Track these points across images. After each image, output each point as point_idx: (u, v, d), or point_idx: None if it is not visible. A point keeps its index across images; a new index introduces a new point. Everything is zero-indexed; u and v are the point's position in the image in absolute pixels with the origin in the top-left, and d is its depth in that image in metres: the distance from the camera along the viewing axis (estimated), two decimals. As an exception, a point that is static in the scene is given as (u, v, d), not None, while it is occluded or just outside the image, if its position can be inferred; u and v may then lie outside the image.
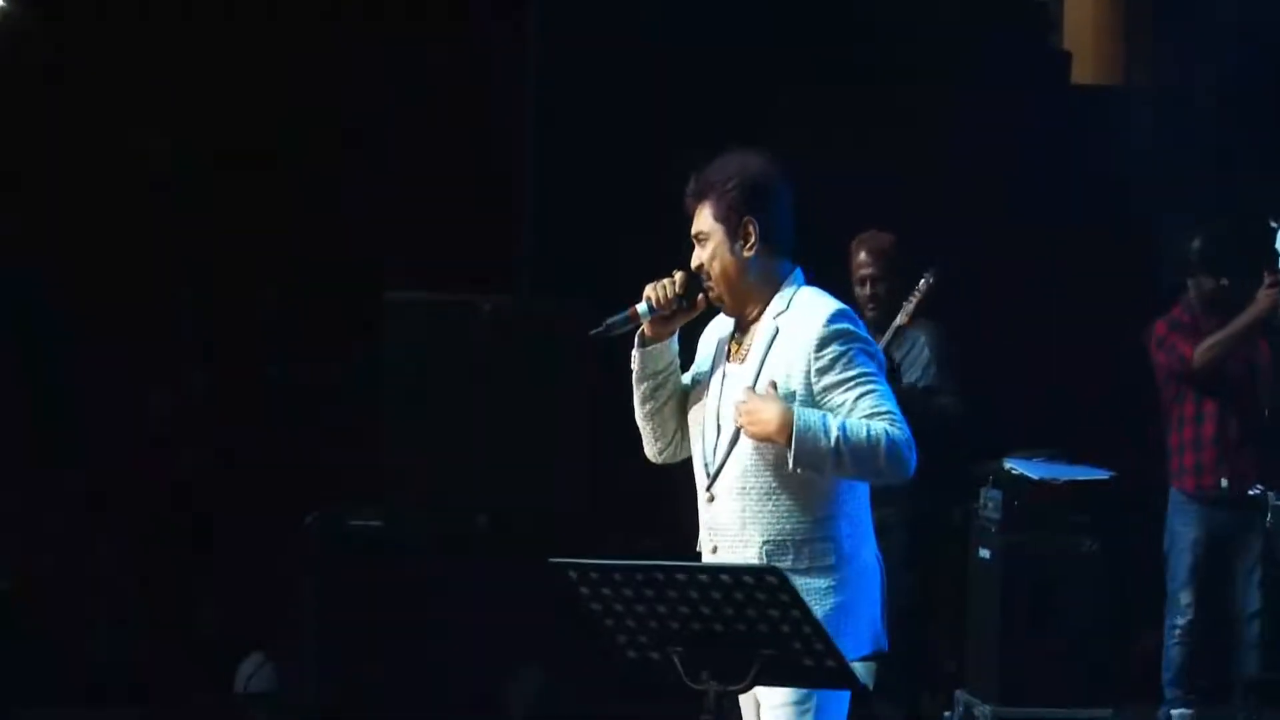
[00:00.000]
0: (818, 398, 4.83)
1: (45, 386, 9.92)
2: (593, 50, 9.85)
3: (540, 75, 10.00)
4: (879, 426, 4.77)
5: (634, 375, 5.03)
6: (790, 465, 4.76)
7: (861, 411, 4.80)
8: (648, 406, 5.04)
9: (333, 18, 9.95)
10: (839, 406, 4.81)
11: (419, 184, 9.88)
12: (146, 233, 9.88)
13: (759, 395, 4.82)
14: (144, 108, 9.86)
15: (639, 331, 4.99)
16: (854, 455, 4.74)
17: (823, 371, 4.84)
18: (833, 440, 4.73)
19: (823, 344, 4.84)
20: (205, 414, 10.08)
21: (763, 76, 9.82)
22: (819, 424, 4.75)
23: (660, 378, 5.02)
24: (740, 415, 4.82)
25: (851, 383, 4.82)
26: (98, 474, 9.88)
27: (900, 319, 7.94)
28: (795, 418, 4.74)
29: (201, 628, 9.63)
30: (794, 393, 4.83)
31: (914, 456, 4.81)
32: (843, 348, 4.84)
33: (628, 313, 4.93)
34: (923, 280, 7.96)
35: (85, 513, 9.90)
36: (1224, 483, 8.25)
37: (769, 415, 4.77)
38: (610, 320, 4.94)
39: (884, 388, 4.85)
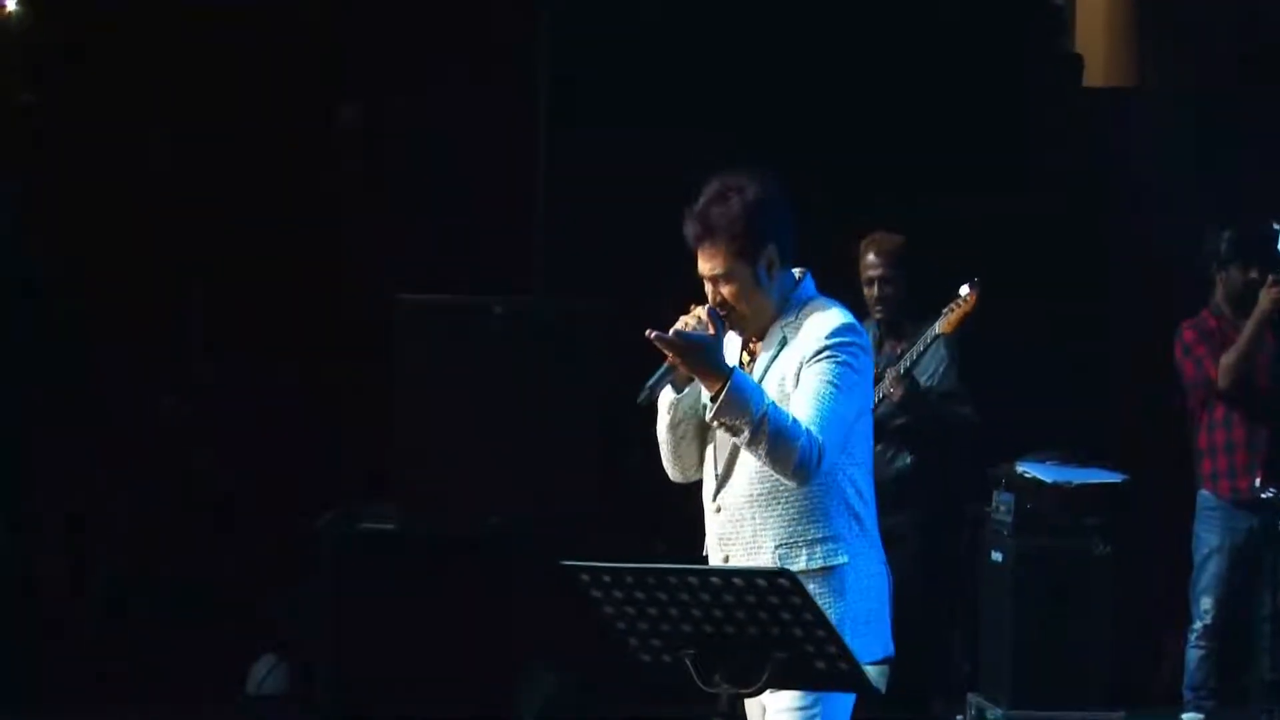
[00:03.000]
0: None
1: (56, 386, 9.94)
2: (605, 48, 9.85)
3: (553, 73, 9.99)
4: (804, 427, 4.77)
5: (669, 419, 5.03)
6: (710, 415, 4.79)
7: (796, 404, 4.81)
8: (682, 446, 5.06)
9: (344, 17, 9.96)
10: (795, 393, 4.84)
11: (431, 185, 9.88)
12: (155, 231, 9.90)
13: (705, 345, 4.81)
14: (150, 107, 9.88)
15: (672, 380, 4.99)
16: (773, 438, 4.75)
17: (806, 367, 4.85)
18: (759, 414, 4.75)
19: (818, 351, 4.87)
20: (217, 414, 10.09)
21: (772, 76, 9.82)
22: (757, 393, 4.79)
23: (692, 410, 5.03)
24: (677, 341, 4.79)
25: (814, 380, 4.84)
26: (108, 474, 9.89)
27: (939, 326, 7.83)
28: (735, 375, 4.77)
29: (215, 629, 9.63)
30: (789, 395, 4.86)
31: (821, 467, 4.79)
32: (832, 352, 4.87)
33: (665, 365, 4.91)
34: (966, 289, 7.86)
35: (96, 513, 9.91)
36: (1258, 483, 8.23)
37: (709, 352, 4.79)
38: (651, 382, 4.91)
39: (837, 404, 4.83)
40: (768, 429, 4.75)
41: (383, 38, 9.96)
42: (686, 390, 4.99)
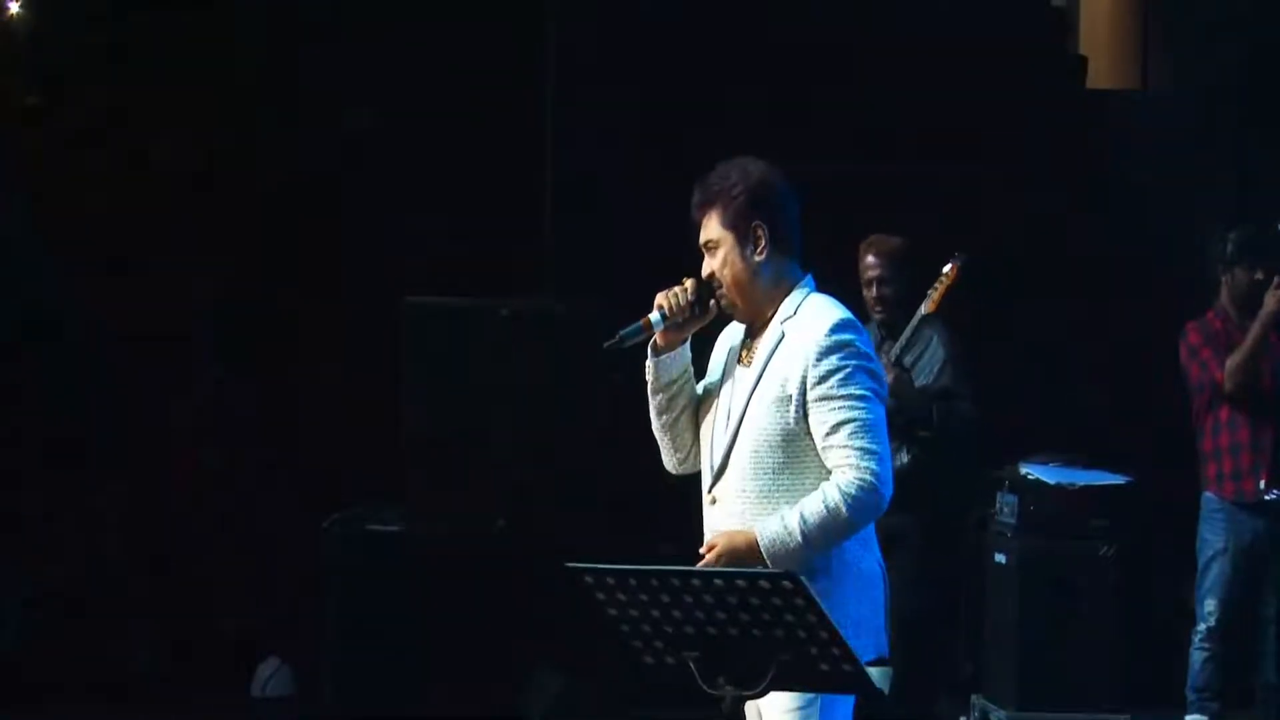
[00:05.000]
0: (808, 406, 4.86)
1: (62, 389, 9.95)
2: (612, 49, 9.86)
3: (560, 74, 10.01)
4: (833, 491, 4.79)
5: (649, 386, 5.06)
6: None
7: (833, 441, 4.82)
8: (664, 418, 5.07)
9: (354, 17, 9.98)
10: (819, 424, 4.84)
11: (440, 187, 9.89)
12: (162, 231, 9.91)
13: (724, 537, 4.87)
14: (155, 108, 9.89)
15: (652, 341, 5.02)
16: (823, 532, 4.79)
17: (818, 381, 4.86)
18: (798, 535, 4.78)
19: (823, 354, 4.87)
20: (223, 415, 10.10)
21: (778, 76, 9.83)
22: (779, 529, 4.80)
23: (675, 387, 5.05)
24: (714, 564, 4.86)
25: (839, 403, 4.84)
26: (116, 476, 9.90)
27: (925, 307, 7.84)
28: (759, 536, 4.80)
29: (219, 631, 9.64)
30: (790, 396, 4.86)
31: (884, 492, 4.82)
32: (841, 362, 4.86)
33: (640, 323, 4.96)
34: (949, 265, 7.88)
35: (103, 515, 9.92)
36: (1263, 485, 8.22)
37: (736, 547, 4.83)
38: (623, 331, 4.96)
39: (870, 415, 4.85)
40: (815, 535, 4.78)
41: (390, 38, 9.97)
42: (665, 356, 5.02)
